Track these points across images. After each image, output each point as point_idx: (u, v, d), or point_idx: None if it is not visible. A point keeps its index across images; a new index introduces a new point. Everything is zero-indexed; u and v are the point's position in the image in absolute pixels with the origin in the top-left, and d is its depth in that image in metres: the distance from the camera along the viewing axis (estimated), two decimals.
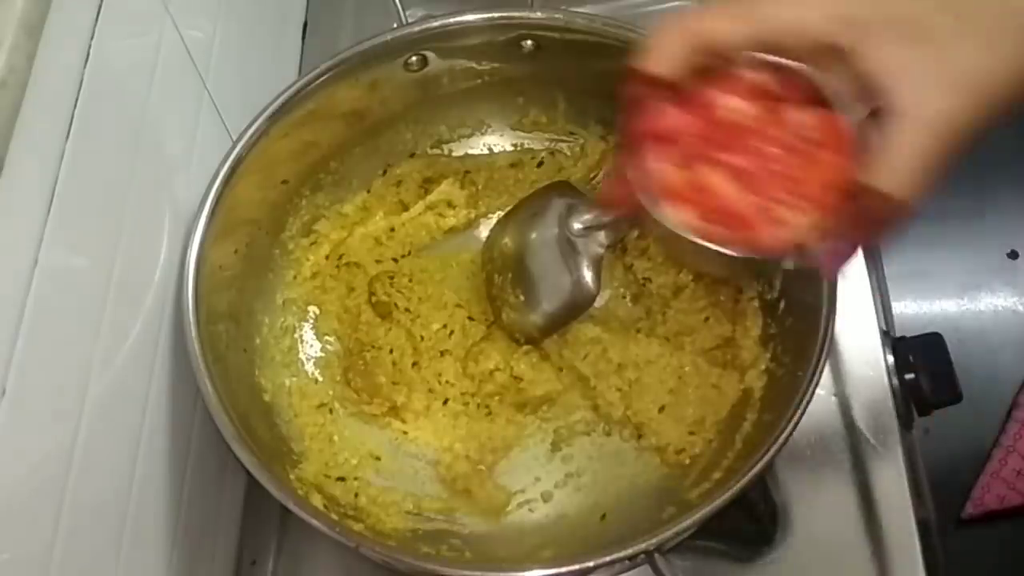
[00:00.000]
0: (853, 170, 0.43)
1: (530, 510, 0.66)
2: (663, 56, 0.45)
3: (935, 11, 0.40)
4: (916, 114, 0.40)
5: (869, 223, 0.43)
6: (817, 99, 0.45)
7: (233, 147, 0.61)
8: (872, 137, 0.42)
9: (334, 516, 0.59)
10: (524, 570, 0.54)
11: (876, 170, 0.41)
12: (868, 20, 0.41)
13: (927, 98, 0.39)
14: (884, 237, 0.45)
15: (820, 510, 0.66)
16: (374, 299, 0.71)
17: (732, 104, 0.46)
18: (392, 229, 0.73)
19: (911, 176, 0.40)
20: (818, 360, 0.55)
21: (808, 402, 0.54)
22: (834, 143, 0.45)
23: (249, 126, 0.61)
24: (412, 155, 0.74)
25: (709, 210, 0.46)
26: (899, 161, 0.40)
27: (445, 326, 0.70)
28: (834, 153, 0.45)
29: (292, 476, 0.61)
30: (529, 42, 0.66)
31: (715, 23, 0.44)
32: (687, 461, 0.64)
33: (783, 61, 0.45)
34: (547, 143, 0.75)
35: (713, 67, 0.46)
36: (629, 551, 0.52)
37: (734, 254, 0.46)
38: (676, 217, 0.47)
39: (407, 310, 0.70)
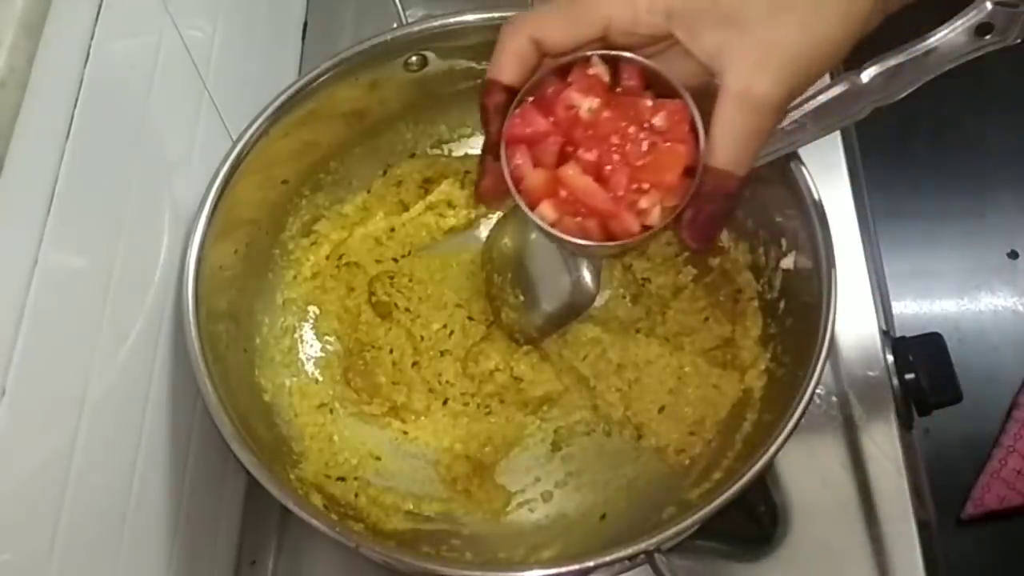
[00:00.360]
0: (697, 154, 0.47)
1: (530, 510, 0.66)
2: (504, 64, 0.47)
3: None
4: (734, 92, 0.42)
5: (711, 196, 0.46)
6: (665, 89, 0.48)
7: (233, 147, 0.61)
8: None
9: (334, 516, 0.59)
10: (524, 570, 0.55)
11: (710, 147, 0.44)
12: (688, 9, 0.42)
13: (743, 77, 0.41)
14: (733, 206, 0.48)
15: (820, 510, 0.66)
16: (374, 299, 0.71)
17: (586, 102, 0.48)
18: (392, 229, 0.73)
19: (735, 149, 0.43)
20: (818, 360, 0.55)
21: (808, 402, 0.54)
22: (679, 129, 0.47)
23: (249, 126, 0.61)
24: (412, 155, 0.74)
25: (571, 205, 0.49)
26: (722, 137, 0.43)
27: (445, 326, 0.70)
28: (679, 140, 0.47)
29: (292, 476, 0.61)
30: None
31: (546, 27, 0.46)
32: (687, 461, 0.64)
33: (624, 55, 0.48)
34: None
35: (568, 66, 0.49)
36: (629, 551, 0.52)
37: (589, 244, 0.50)
38: (541, 213, 0.50)
39: (407, 310, 0.70)
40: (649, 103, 0.48)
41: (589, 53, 0.48)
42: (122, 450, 0.53)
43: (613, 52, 0.48)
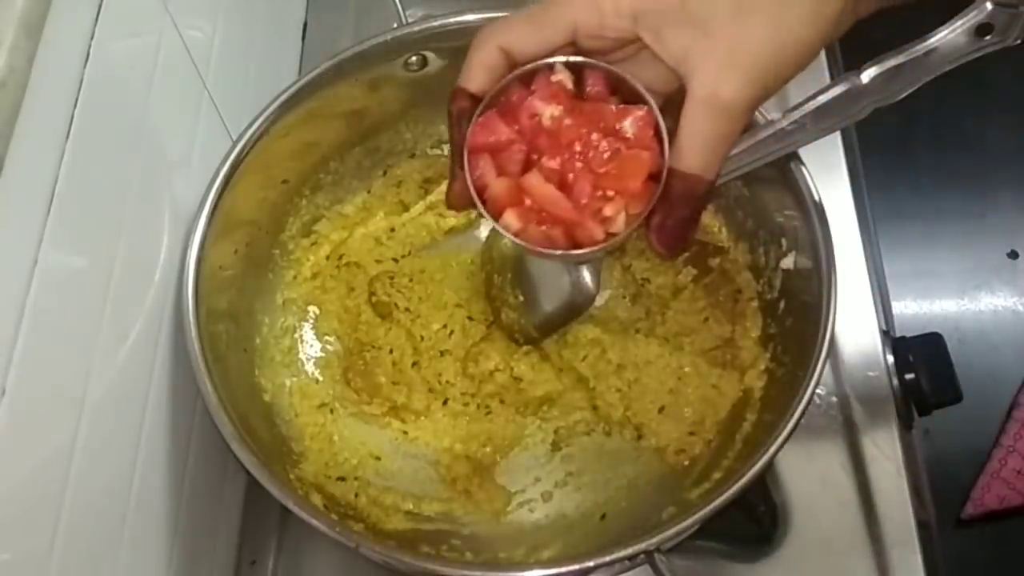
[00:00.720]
0: (661, 160, 0.46)
1: (530, 510, 0.66)
2: (471, 73, 0.47)
3: None
4: (701, 96, 0.41)
5: (680, 200, 0.45)
6: (631, 95, 0.48)
7: (233, 147, 0.61)
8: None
9: (334, 516, 0.59)
10: (524, 570, 0.55)
11: (677, 151, 0.43)
12: (655, 11, 0.42)
13: (710, 80, 0.41)
14: (700, 210, 0.47)
15: (820, 510, 0.66)
16: (374, 299, 0.71)
17: (548, 110, 0.48)
18: (392, 229, 0.73)
19: (703, 153, 0.42)
20: (818, 360, 0.55)
21: (808, 402, 0.54)
22: (643, 136, 0.47)
23: (249, 126, 0.61)
24: (412, 155, 0.74)
25: (536, 213, 0.49)
26: (690, 140, 0.42)
27: (445, 326, 0.70)
28: (643, 146, 0.47)
29: (292, 476, 0.61)
30: None
31: (514, 35, 0.46)
32: (687, 461, 0.64)
33: (589, 61, 0.47)
34: None
35: (533, 73, 0.48)
36: (629, 551, 0.52)
37: (554, 253, 0.49)
38: (505, 222, 0.49)
39: (407, 310, 0.70)
40: (613, 109, 0.48)
41: (552, 60, 0.48)
42: (122, 450, 0.53)
43: (577, 59, 0.48)
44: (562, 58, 0.48)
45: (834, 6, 0.41)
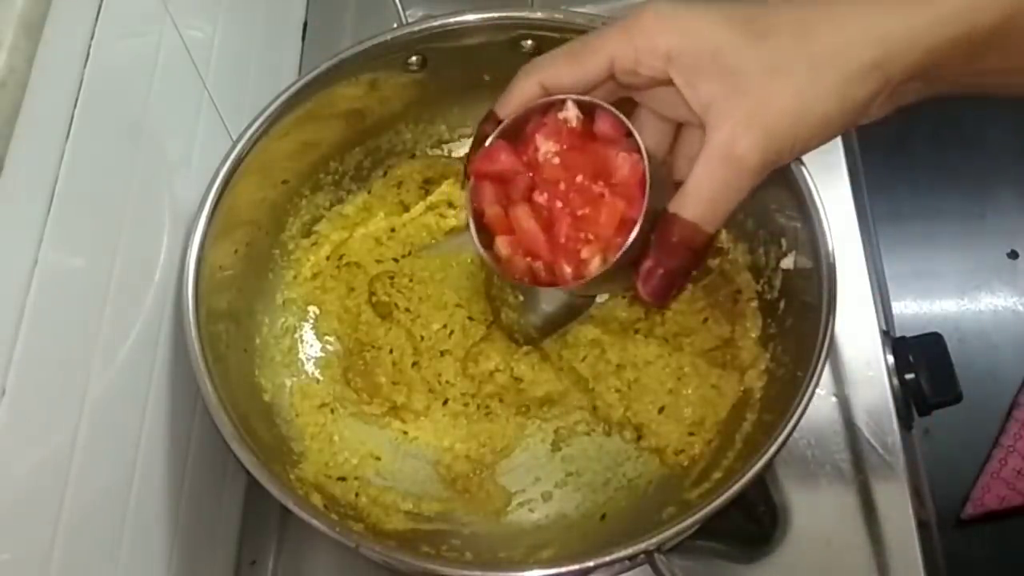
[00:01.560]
0: (638, 210, 0.46)
1: (530, 510, 0.66)
2: (507, 101, 0.48)
3: (752, 51, 0.41)
4: (716, 147, 0.41)
5: (675, 249, 0.44)
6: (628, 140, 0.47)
7: (233, 147, 0.61)
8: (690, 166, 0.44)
9: (334, 516, 0.59)
10: (524, 570, 0.55)
11: (682, 198, 0.42)
12: (688, 55, 0.42)
13: (728, 132, 0.41)
14: (695, 263, 0.45)
15: (820, 510, 0.66)
16: (374, 299, 0.71)
17: (546, 146, 0.49)
18: (393, 229, 0.73)
19: (708, 203, 0.42)
20: (818, 360, 0.55)
21: (808, 402, 0.54)
22: (628, 184, 0.46)
23: (249, 126, 0.61)
24: (412, 155, 0.74)
25: (521, 245, 0.50)
26: (697, 188, 0.42)
27: (445, 326, 0.70)
28: (624, 195, 0.47)
29: (292, 476, 0.61)
30: (529, 42, 0.66)
31: (554, 70, 0.47)
32: (687, 462, 0.64)
33: (596, 102, 0.47)
34: None
35: (549, 106, 0.49)
36: (629, 551, 0.52)
37: (526, 283, 0.50)
38: (497, 246, 0.50)
39: (407, 310, 0.70)
40: (608, 153, 0.48)
41: (563, 97, 0.48)
42: (122, 450, 0.53)
43: (584, 98, 0.48)
44: (573, 96, 0.48)
45: (863, 91, 0.41)
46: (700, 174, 0.42)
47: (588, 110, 0.49)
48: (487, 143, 0.50)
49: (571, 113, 0.48)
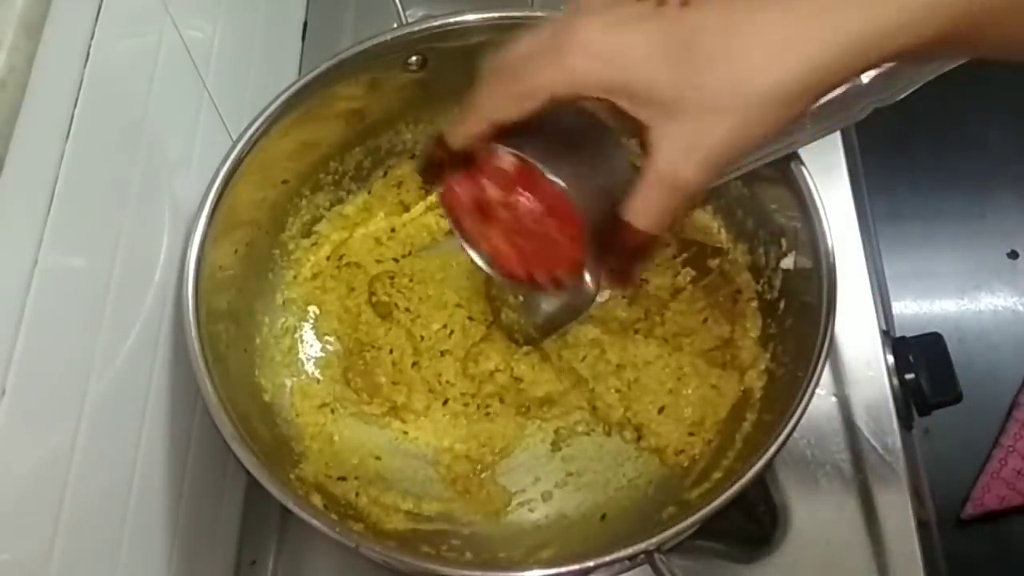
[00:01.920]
0: (579, 248, 0.48)
1: (530, 510, 0.66)
2: (461, 138, 0.50)
3: (690, 90, 0.42)
4: (659, 168, 0.44)
5: (631, 251, 0.47)
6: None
7: (233, 147, 0.61)
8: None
9: (334, 516, 0.59)
10: (524, 570, 0.55)
11: (631, 207, 0.45)
12: (625, 90, 0.44)
13: (668, 159, 0.43)
14: (647, 259, 0.50)
15: (820, 510, 0.66)
16: (374, 299, 0.71)
17: (494, 192, 0.50)
18: (393, 229, 0.73)
19: (654, 216, 0.45)
20: (818, 360, 0.55)
21: (808, 402, 0.54)
22: (560, 224, 0.49)
23: (249, 126, 0.61)
24: (412, 156, 0.74)
25: (498, 262, 0.53)
26: (644, 204, 0.45)
27: (445, 326, 0.70)
28: (560, 232, 0.49)
29: (292, 476, 0.61)
30: None
31: (500, 110, 0.48)
32: (687, 462, 0.64)
33: (525, 158, 0.49)
34: None
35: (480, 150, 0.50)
36: (629, 551, 0.52)
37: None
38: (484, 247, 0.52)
39: (407, 310, 0.70)
40: (536, 202, 0.49)
41: (495, 145, 0.49)
42: (122, 450, 0.53)
43: (516, 152, 0.49)
44: (506, 149, 0.48)
45: (798, 109, 0.43)
46: (645, 189, 0.45)
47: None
48: (448, 178, 0.51)
49: (505, 162, 0.49)
